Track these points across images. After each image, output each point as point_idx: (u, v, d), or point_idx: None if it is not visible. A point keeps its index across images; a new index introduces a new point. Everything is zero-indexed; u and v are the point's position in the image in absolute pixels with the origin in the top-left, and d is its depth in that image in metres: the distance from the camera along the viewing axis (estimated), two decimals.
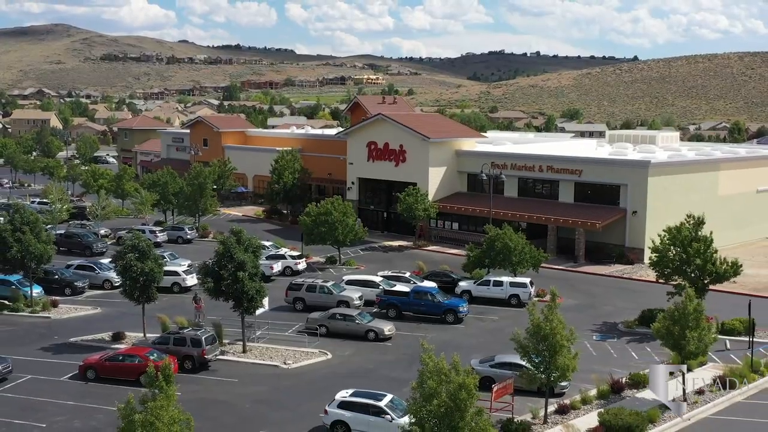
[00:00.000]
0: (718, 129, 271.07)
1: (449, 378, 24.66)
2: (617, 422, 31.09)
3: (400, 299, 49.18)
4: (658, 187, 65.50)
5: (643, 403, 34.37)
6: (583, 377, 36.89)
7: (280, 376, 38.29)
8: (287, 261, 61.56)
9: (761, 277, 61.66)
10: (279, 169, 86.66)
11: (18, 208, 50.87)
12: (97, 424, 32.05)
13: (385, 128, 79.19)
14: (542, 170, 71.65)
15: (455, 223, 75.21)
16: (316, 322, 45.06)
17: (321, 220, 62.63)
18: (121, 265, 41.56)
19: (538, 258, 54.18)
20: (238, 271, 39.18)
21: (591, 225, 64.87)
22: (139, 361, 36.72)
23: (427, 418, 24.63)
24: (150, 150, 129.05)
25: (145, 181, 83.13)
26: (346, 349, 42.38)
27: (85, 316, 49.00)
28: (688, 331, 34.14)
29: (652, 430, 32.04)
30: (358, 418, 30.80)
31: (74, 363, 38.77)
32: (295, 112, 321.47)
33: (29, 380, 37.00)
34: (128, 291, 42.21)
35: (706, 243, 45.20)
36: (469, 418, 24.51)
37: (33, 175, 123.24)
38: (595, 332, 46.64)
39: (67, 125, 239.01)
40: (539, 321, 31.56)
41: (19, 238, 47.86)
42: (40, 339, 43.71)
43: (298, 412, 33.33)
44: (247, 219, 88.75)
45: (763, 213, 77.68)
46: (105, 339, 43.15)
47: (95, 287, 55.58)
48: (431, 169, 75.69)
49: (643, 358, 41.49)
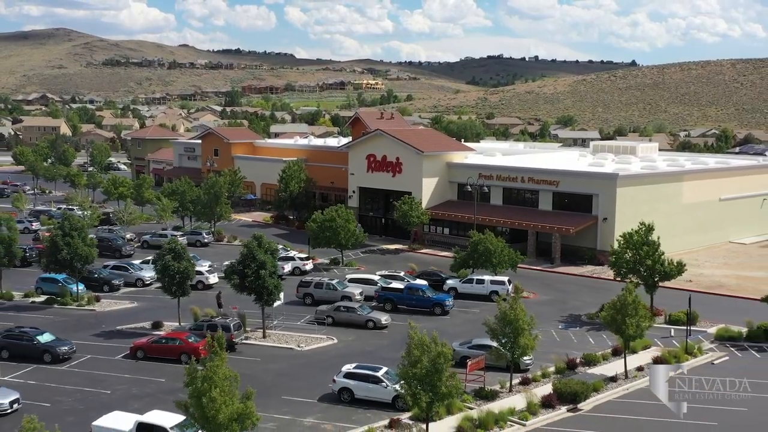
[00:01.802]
0: (708, 136, 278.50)
1: (430, 348, 32.63)
2: (566, 389, 39.07)
3: (395, 294, 57.23)
4: (626, 197, 73.52)
5: (591, 377, 42.33)
6: (545, 357, 44.98)
7: (295, 356, 46.26)
8: (296, 262, 69.60)
9: (716, 276, 69.67)
10: (286, 179, 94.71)
11: (67, 216, 58.76)
12: (151, 391, 39.89)
13: (383, 142, 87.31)
14: (524, 181, 79.72)
15: (446, 229, 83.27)
16: (323, 314, 53.09)
17: (326, 226, 70.61)
18: (161, 264, 49.54)
19: (515, 259, 62.26)
20: (259, 269, 47.17)
21: (566, 230, 72.94)
22: (179, 343, 44.70)
23: (413, 379, 32.56)
24: (162, 159, 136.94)
25: (165, 189, 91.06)
26: (349, 336, 50.31)
27: (125, 309, 56.97)
28: (627, 318, 41.99)
29: (594, 396, 39.98)
30: (360, 385, 38.74)
31: (124, 346, 46.76)
32: (296, 119, 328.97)
33: (89, 359, 44.95)
34: (166, 286, 50.17)
35: (654, 246, 53.09)
36: (444, 379, 32.46)
37: (54, 183, 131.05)
38: (561, 322, 54.69)
39: (76, 132, 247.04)
40: (505, 309, 39.58)
41: (69, 242, 55.79)
42: (90, 327, 51.62)
43: (312, 383, 41.25)
44: (257, 224, 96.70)
45: (726, 219, 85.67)
46: (146, 327, 51.09)
47: (129, 285, 63.50)
48: (425, 180, 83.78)
49: (598, 342, 49.56)
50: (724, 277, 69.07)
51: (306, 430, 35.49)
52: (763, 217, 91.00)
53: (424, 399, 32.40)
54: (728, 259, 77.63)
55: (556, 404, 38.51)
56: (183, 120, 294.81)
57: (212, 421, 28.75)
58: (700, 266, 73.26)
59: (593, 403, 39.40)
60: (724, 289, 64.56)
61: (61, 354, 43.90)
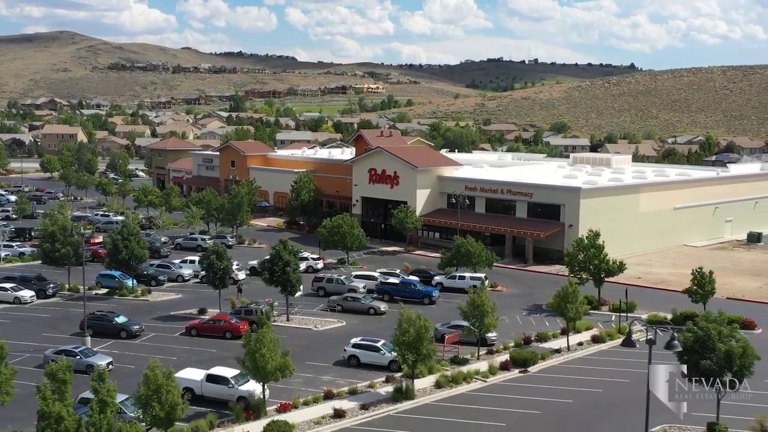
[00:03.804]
0: (694, 143, 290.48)
1: (415, 323, 45.60)
2: (519, 357, 52.07)
3: (392, 288, 70.31)
4: (588, 207, 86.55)
5: (541, 350, 55.33)
6: (509, 336, 57.96)
7: (313, 334, 59.23)
8: (309, 261, 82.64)
9: (662, 274, 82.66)
10: (298, 189, 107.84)
11: (126, 223, 71.89)
12: (206, 358, 52.70)
13: (382, 158, 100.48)
14: (503, 192, 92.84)
15: (437, 233, 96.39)
16: (334, 303, 66.17)
17: (334, 232, 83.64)
18: (207, 263, 62.57)
19: (490, 259, 75.38)
20: (285, 267, 60.22)
21: (537, 235, 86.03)
22: (224, 323, 57.69)
23: (403, 344, 45.48)
24: (181, 168, 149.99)
25: (193, 198, 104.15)
26: (355, 320, 63.29)
27: (172, 299, 69.98)
28: (569, 304, 55.04)
29: (541, 362, 52.92)
30: (364, 353, 51.75)
31: (179, 326, 59.74)
32: (300, 125, 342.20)
33: (154, 336, 57.98)
34: (210, 280, 63.18)
35: (600, 249, 66.12)
36: (425, 344, 45.42)
37: (84, 190, 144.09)
38: (525, 310, 67.76)
39: (92, 139, 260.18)
40: (474, 297, 52.61)
41: (127, 245, 68.85)
42: (147, 314, 64.55)
43: (327, 353, 54.20)
44: (272, 229, 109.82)
45: (679, 225, 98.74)
46: (193, 312, 64.06)
47: (171, 280, 76.51)
48: (418, 191, 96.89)
49: (552, 326, 62.47)
50: (669, 275, 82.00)
51: (325, 383, 48.36)
52: (715, 223, 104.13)
53: (411, 358, 45.40)
54: (678, 260, 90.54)
55: (511, 368, 51.47)
56: (192, 127, 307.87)
57: (262, 370, 41.69)
58: (651, 266, 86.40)
59: (540, 367, 52.37)
60: (664, 284, 77.50)
61: (134, 331, 56.98)
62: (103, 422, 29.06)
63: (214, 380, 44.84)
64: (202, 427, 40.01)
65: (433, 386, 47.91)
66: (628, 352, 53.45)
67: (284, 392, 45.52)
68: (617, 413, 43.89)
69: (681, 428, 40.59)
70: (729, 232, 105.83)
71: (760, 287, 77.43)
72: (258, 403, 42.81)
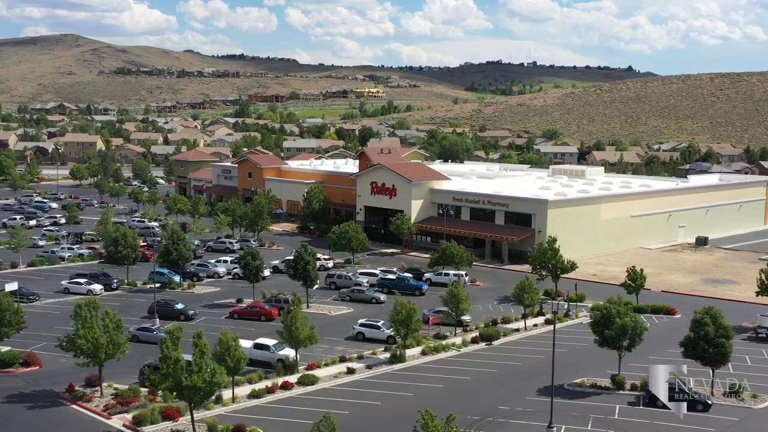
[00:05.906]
0: (678, 149, 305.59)
1: (406, 305, 62.27)
2: (486, 333, 68.79)
3: (390, 282, 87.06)
4: (554, 216, 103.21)
5: (504, 329, 71.96)
6: (480, 319, 74.66)
7: (328, 318, 75.89)
8: (321, 261, 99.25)
9: (615, 272, 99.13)
10: (309, 198, 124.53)
11: (174, 230, 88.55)
12: (249, 335, 69.16)
13: (382, 173, 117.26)
14: (485, 203, 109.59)
15: (429, 237, 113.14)
16: (343, 294, 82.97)
17: (342, 236, 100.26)
18: (244, 262, 79.28)
19: (470, 260, 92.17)
20: (306, 265, 76.91)
21: (512, 239, 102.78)
22: (259, 309, 74.37)
23: (397, 321, 62.12)
24: (201, 177, 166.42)
25: (220, 207, 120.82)
26: (360, 307, 79.91)
27: (212, 292, 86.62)
28: (524, 293, 71.77)
29: (503, 338, 69.56)
30: (368, 330, 68.49)
31: (223, 311, 76.42)
32: (303, 132, 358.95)
33: (206, 318, 74.65)
34: (246, 275, 79.83)
35: (555, 250, 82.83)
36: (413, 321, 62.10)
37: (117, 197, 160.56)
38: (497, 300, 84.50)
39: (109, 147, 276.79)
40: (452, 287, 69.35)
41: (176, 248, 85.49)
42: (196, 302, 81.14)
43: (340, 331, 70.83)
44: (286, 233, 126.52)
45: (636, 231, 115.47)
46: (233, 302, 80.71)
47: (209, 277, 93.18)
48: (413, 202, 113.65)
49: (517, 312, 79.11)
50: (621, 273, 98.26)
51: (339, 352, 64.92)
52: (669, 228, 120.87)
53: (402, 332, 62.14)
54: (632, 261, 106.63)
55: (480, 342, 68.15)
56: (201, 134, 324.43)
57: (296, 338, 58.31)
58: (608, 265, 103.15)
59: (501, 341, 69.01)
60: (615, 280, 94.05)
61: (190, 315, 73.70)
62: (203, 362, 45.59)
63: (260, 347, 61.57)
64: (254, 378, 56.74)
65: (420, 354, 64.58)
66: (572, 330, 70.55)
67: (309, 357, 62.17)
68: (554, 370, 60.58)
69: (594, 379, 57.23)
70: (682, 236, 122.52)
71: (691, 282, 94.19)
72: (292, 363, 59.50)
